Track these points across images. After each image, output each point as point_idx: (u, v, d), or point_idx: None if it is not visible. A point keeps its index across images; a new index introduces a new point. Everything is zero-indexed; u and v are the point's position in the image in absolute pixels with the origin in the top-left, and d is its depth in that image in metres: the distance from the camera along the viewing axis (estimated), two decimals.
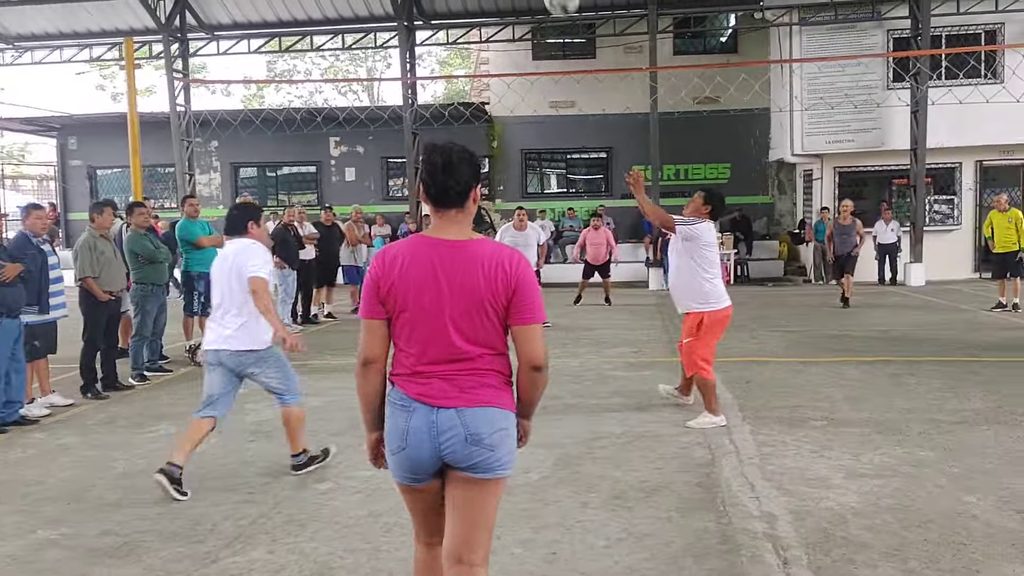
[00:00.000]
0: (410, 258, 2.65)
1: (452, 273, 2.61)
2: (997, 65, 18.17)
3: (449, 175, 2.65)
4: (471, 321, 2.61)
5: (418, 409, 2.63)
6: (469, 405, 2.61)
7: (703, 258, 6.18)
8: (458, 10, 20.93)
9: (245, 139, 20.88)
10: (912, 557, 3.79)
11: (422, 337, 2.63)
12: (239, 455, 5.78)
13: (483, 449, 2.61)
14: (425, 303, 2.62)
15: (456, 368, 2.63)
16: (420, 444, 2.63)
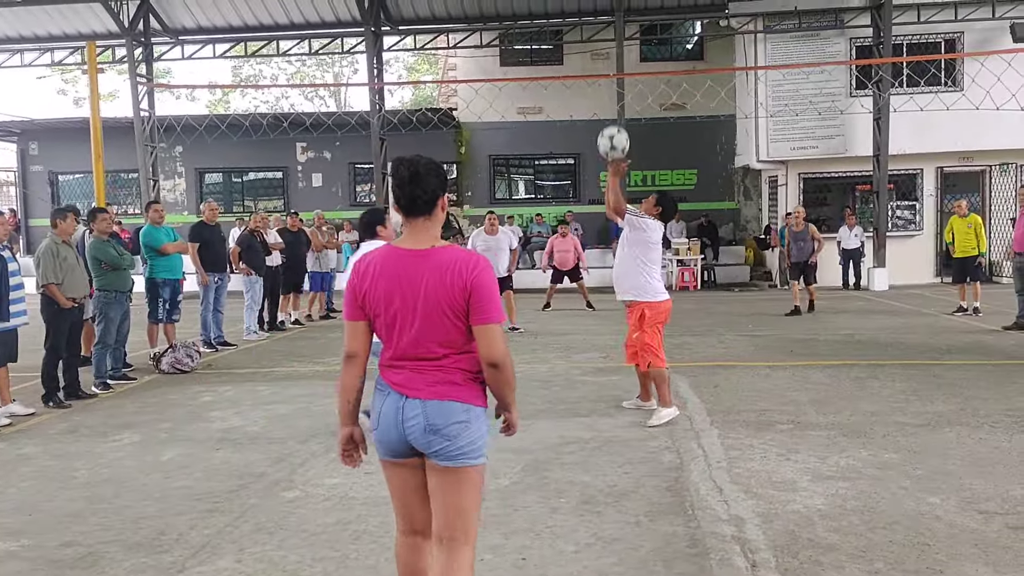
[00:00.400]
0: (380, 268, 2.89)
1: (417, 281, 2.83)
2: (957, 73, 18.52)
3: (416, 185, 2.87)
4: (434, 324, 2.83)
5: (391, 395, 2.89)
6: (431, 398, 2.84)
7: (646, 253, 6.49)
8: (425, 16, 20.91)
9: (210, 144, 20.65)
10: (878, 558, 3.84)
11: (395, 337, 2.88)
12: (205, 464, 5.71)
13: (440, 438, 2.83)
14: (394, 309, 2.85)
15: (424, 364, 2.86)
16: (388, 426, 2.88)
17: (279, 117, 21.50)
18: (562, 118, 21.33)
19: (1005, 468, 5.15)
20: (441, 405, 2.84)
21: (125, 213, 22.74)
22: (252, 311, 12.19)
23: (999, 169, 19.05)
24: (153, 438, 6.48)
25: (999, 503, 4.53)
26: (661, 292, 6.59)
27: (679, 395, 7.54)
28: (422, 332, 2.83)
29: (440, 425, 2.83)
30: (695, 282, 19.53)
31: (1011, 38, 17.60)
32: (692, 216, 22.16)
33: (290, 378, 8.96)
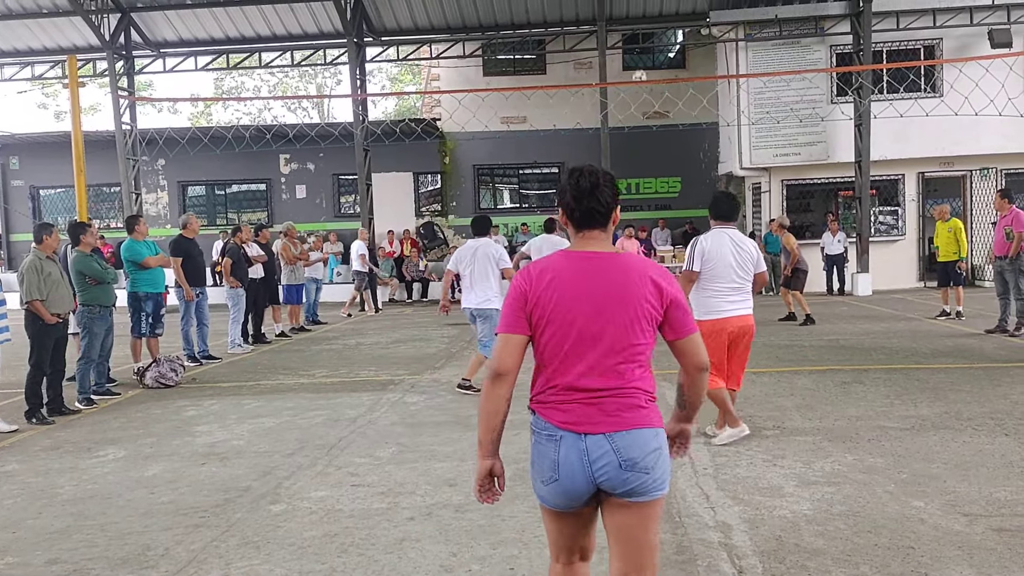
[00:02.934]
0: (561, 271, 2.62)
1: (606, 284, 2.58)
2: (936, 79, 18.71)
3: (595, 198, 2.66)
4: (625, 332, 2.57)
5: (565, 437, 2.56)
6: (618, 429, 2.54)
7: (704, 270, 5.98)
8: (408, 27, 20.96)
9: (193, 157, 20.61)
10: (863, 562, 3.86)
11: (570, 352, 2.58)
12: (191, 479, 5.67)
13: (639, 473, 2.53)
14: (577, 315, 2.57)
15: (600, 389, 2.56)
16: (573, 474, 2.55)
17: (262, 129, 21.48)
18: (545, 127, 21.42)
19: (988, 471, 5.18)
20: (634, 435, 2.54)
21: (107, 227, 22.65)
22: (237, 324, 12.14)
23: (980, 174, 19.23)
24: (138, 453, 6.44)
25: (983, 505, 4.56)
26: (714, 311, 5.95)
27: (665, 400, 7.54)
28: (612, 344, 2.55)
29: (637, 458, 2.53)
30: None
31: (989, 44, 17.83)
32: (677, 223, 22.27)
33: (276, 391, 8.92)
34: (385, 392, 8.57)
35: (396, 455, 6.07)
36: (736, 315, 5.95)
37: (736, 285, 5.94)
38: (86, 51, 21.10)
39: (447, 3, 20.03)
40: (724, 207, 6.22)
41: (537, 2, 19.95)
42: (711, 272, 5.93)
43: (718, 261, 5.89)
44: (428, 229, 23.19)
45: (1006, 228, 10.83)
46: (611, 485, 2.54)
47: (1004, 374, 8.39)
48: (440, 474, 5.52)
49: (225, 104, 42.31)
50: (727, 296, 5.93)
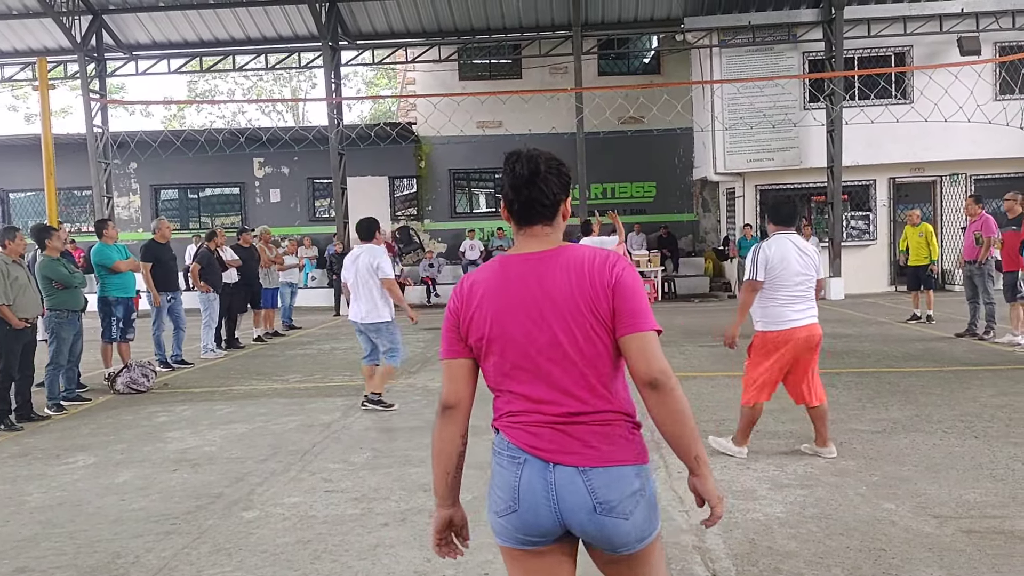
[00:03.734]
0: (492, 281, 2.25)
1: (545, 288, 2.18)
2: (907, 86, 18.94)
3: (536, 188, 2.23)
4: (580, 343, 2.15)
5: (529, 461, 2.17)
6: (594, 464, 2.13)
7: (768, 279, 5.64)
8: (383, 30, 20.92)
9: (165, 161, 20.46)
10: (835, 564, 3.88)
11: (519, 372, 2.20)
12: (162, 485, 5.61)
13: (616, 519, 2.11)
14: (516, 330, 2.19)
15: (568, 411, 2.16)
16: (536, 505, 2.15)
17: (235, 132, 21.32)
18: (521, 132, 21.43)
19: (958, 473, 5.24)
20: (610, 473, 2.13)
21: (78, 231, 22.40)
22: (209, 329, 12.03)
23: (950, 180, 19.48)
24: (108, 460, 6.36)
25: (953, 507, 4.61)
26: (778, 321, 5.62)
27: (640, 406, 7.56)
28: (570, 358, 2.15)
29: (614, 501, 2.11)
30: (655, 293, 19.67)
31: (958, 51, 18.08)
32: (652, 228, 22.37)
33: (249, 396, 8.85)
34: (360, 397, 8.52)
35: (370, 460, 6.04)
36: (804, 324, 5.61)
37: (802, 293, 5.63)
38: (57, 53, 20.86)
39: (422, 7, 20.02)
40: (785, 212, 5.85)
41: (513, 7, 19.99)
42: (776, 280, 5.59)
43: (783, 269, 5.57)
44: (404, 233, 23.13)
45: (976, 233, 10.97)
46: (583, 531, 2.14)
47: (974, 377, 8.49)
48: (415, 479, 5.50)
49: (199, 107, 42.02)
50: (793, 305, 5.60)
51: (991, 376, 8.54)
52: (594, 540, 2.16)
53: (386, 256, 7.72)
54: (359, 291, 7.58)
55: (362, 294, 7.55)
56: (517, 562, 2.25)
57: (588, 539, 2.18)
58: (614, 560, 2.20)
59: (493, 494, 2.24)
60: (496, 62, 23.34)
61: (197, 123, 39.84)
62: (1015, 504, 4.62)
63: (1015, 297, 10.46)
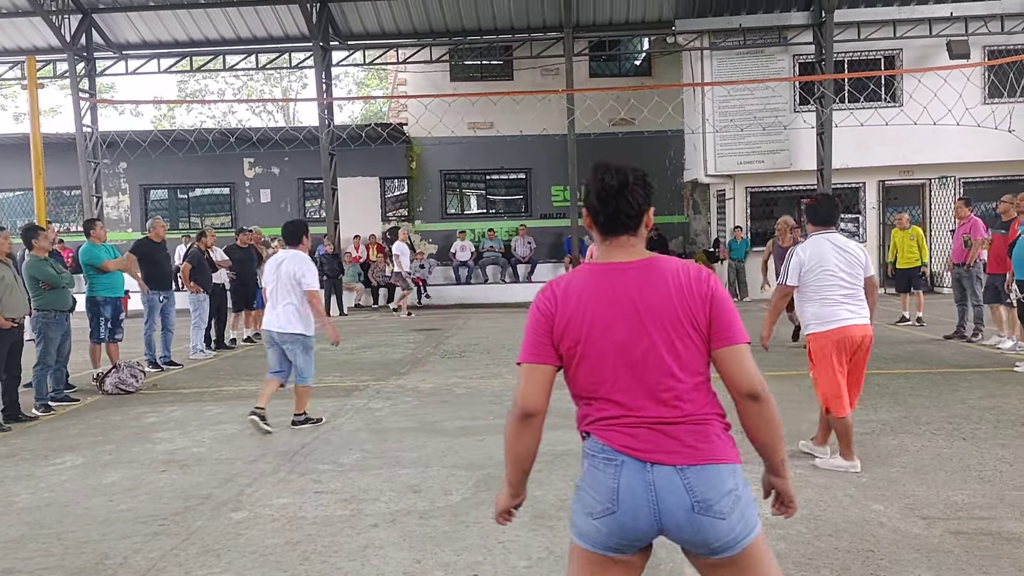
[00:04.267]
0: (589, 287, 2.29)
1: (643, 296, 2.25)
2: (896, 89, 19.04)
3: (623, 199, 2.30)
4: (679, 351, 2.23)
5: (626, 463, 2.19)
6: (691, 463, 2.17)
7: (808, 281, 5.50)
8: (375, 31, 20.89)
9: (155, 160, 20.37)
10: (824, 565, 3.89)
11: (616, 378, 2.25)
12: (150, 486, 5.59)
13: (713, 519, 2.14)
14: (614, 336, 2.24)
15: (666, 413, 2.22)
16: (636, 507, 2.16)
17: (225, 132, 21.26)
18: (512, 133, 21.46)
19: (946, 474, 5.26)
20: (709, 471, 2.17)
21: (67, 231, 22.30)
22: (199, 330, 11.99)
23: (938, 182, 19.58)
24: (96, 460, 6.33)
25: (941, 509, 4.63)
26: (827, 321, 5.40)
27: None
28: (665, 366, 2.22)
29: (712, 500, 2.14)
30: None
31: (947, 55, 18.18)
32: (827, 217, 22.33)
33: (238, 397, 8.82)
34: (350, 398, 8.51)
35: (360, 461, 6.02)
36: (857, 323, 5.37)
37: (849, 291, 5.39)
38: (46, 52, 20.75)
39: (414, 8, 20.00)
40: (823, 211, 5.67)
41: (504, 8, 19.99)
42: (816, 282, 5.41)
43: (821, 271, 5.39)
44: (395, 235, 23.08)
45: (964, 236, 11.03)
46: (680, 533, 2.16)
47: (962, 379, 8.53)
48: (405, 480, 5.49)
49: (189, 107, 41.90)
50: (844, 304, 5.37)
51: (979, 378, 8.58)
52: (691, 542, 2.19)
53: (311, 265, 7.05)
54: (277, 299, 6.98)
55: (280, 302, 6.96)
56: (594, 567, 2.25)
57: (685, 541, 2.20)
58: (717, 564, 2.21)
59: (586, 496, 2.25)
60: (487, 63, 23.33)
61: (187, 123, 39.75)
62: (1003, 505, 4.64)
63: (997, 299, 10.50)
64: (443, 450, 6.26)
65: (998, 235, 10.29)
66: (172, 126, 36.34)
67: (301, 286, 6.89)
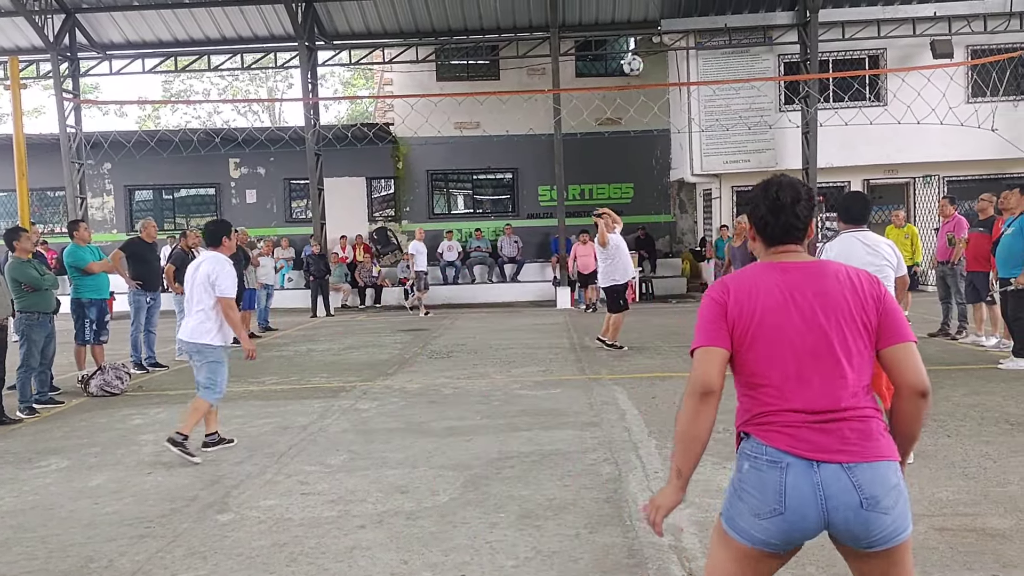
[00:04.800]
0: (763, 279, 2.41)
1: (817, 292, 2.36)
2: (880, 88, 19.15)
3: (794, 213, 2.45)
4: (847, 346, 2.32)
5: (792, 464, 2.24)
6: (859, 460, 2.23)
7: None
8: (360, 31, 20.84)
9: (140, 161, 20.28)
10: (809, 562, 3.91)
11: (783, 366, 2.32)
12: (136, 488, 5.56)
13: (879, 514, 2.20)
14: (787, 325, 2.33)
15: (831, 411, 2.28)
16: (804, 507, 2.22)
17: (210, 133, 21.16)
18: (499, 133, 21.46)
19: (931, 471, 5.30)
20: (875, 468, 2.22)
21: (51, 232, 22.16)
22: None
23: (922, 181, 19.71)
24: (81, 463, 6.29)
25: (926, 505, 4.65)
26: None
27: (618, 406, 7.60)
28: (834, 359, 2.30)
29: (880, 496, 2.20)
30: (633, 295, 19.72)
31: (931, 54, 18.30)
32: (629, 229, 22.39)
33: (225, 399, 8.73)
34: (336, 399, 8.49)
35: (347, 463, 6.01)
36: None
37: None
38: (29, 52, 20.61)
39: (400, 7, 19.96)
40: (856, 210, 5.62)
41: (490, 8, 19.98)
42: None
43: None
44: (381, 235, 23.06)
45: (948, 234, 11.09)
46: (848, 528, 2.23)
47: (946, 377, 8.59)
48: (392, 481, 5.49)
49: (173, 107, 41.70)
50: None
51: (963, 376, 8.64)
52: (855, 537, 2.25)
53: (229, 269, 6.46)
54: (191, 304, 6.44)
55: (193, 307, 6.41)
56: (749, 560, 2.34)
57: (849, 537, 2.26)
58: (870, 556, 2.29)
59: (748, 498, 2.30)
60: (474, 63, 23.33)
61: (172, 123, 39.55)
62: (987, 502, 4.68)
63: (979, 298, 10.56)
64: (430, 451, 6.26)
65: (976, 233, 10.34)
66: (157, 127, 36.14)
67: (215, 290, 6.32)
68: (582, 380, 9.15)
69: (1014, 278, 8.84)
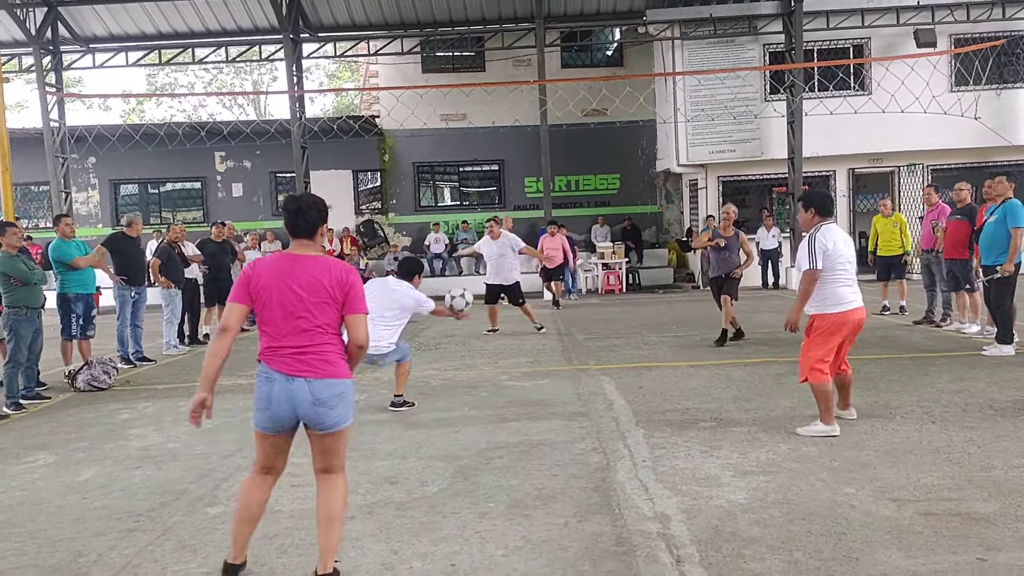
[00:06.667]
0: (273, 266, 3.64)
1: (296, 278, 3.58)
2: (864, 78, 19.22)
3: (300, 218, 3.65)
4: (314, 310, 3.56)
5: (277, 379, 3.55)
6: (316, 376, 3.54)
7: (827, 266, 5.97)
8: (345, 23, 20.77)
9: (125, 155, 20.17)
10: (797, 548, 3.95)
11: (278, 323, 3.58)
12: (125, 483, 5.55)
13: (326, 409, 3.56)
14: (277, 298, 3.57)
15: (303, 348, 3.55)
16: (279, 406, 3.56)
17: (196, 126, 21.08)
18: (485, 124, 21.45)
19: (916, 457, 5.35)
20: (325, 382, 3.56)
21: (36, 227, 22.01)
22: (172, 325, 11.91)
23: (907, 169, 19.81)
24: (69, 458, 6.28)
25: (911, 491, 4.71)
26: (839, 303, 5.94)
27: (605, 396, 7.64)
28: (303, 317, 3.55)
29: (325, 398, 3.55)
30: (620, 285, 19.79)
31: (915, 43, 18.38)
32: (616, 220, 22.48)
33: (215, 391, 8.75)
34: None
35: None
36: (859, 306, 6.05)
37: (852, 276, 6.06)
38: (11, 46, 20.47)
39: None
40: (829, 204, 6.31)
41: None
42: (835, 266, 5.94)
43: (837, 256, 5.94)
44: (368, 227, 23.02)
45: (933, 222, 11.14)
46: (307, 417, 3.59)
47: (931, 364, 8.66)
48: (381, 472, 5.50)
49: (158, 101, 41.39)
50: (853, 287, 6.04)
51: (948, 362, 8.71)
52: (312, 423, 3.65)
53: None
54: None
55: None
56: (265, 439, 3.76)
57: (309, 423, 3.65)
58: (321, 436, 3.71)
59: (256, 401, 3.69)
60: (459, 55, 23.29)
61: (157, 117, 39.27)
62: (971, 487, 4.73)
63: (958, 286, 10.61)
64: (419, 442, 6.27)
65: (953, 222, 10.37)
66: (142, 120, 35.90)
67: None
68: (570, 371, 9.18)
69: (999, 265, 8.91)
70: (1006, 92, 19.10)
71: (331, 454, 3.70)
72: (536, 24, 19.53)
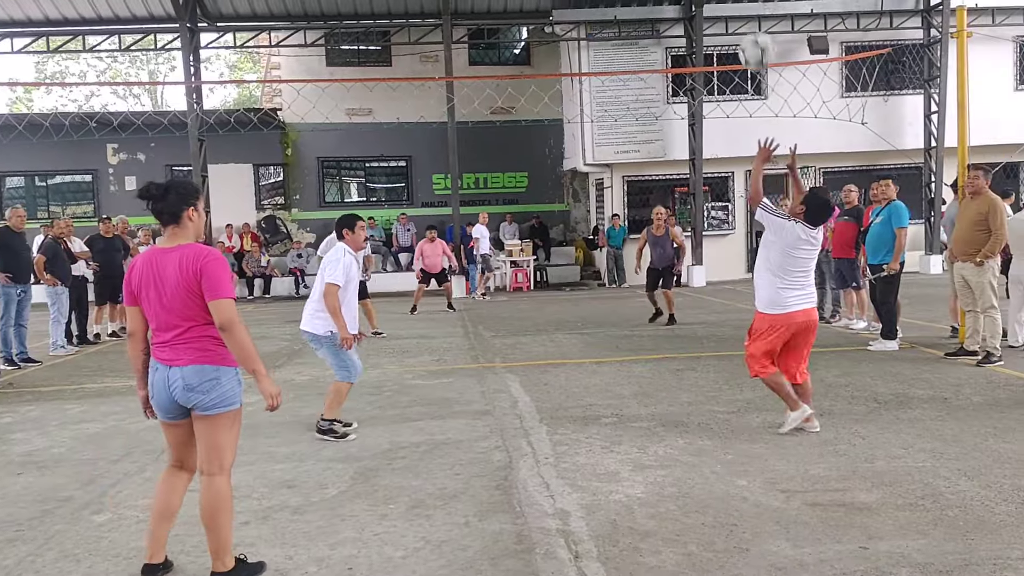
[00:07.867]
0: (142, 264, 3.68)
1: (163, 272, 3.59)
2: (760, 83, 19.80)
3: (161, 202, 3.65)
4: (178, 303, 3.58)
5: (159, 368, 3.66)
6: (185, 364, 3.59)
7: (775, 257, 5.96)
8: (245, 12, 20.24)
9: (9, 146, 19.19)
10: (691, 541, 4.04)
11: (154, 318, 3.65)
12: (5, 490, 5.27)
13: (197, 394, 3.59)
14: (151, 294, 3.62)
15: (175, 338, 3.61)
16: (160, 393, 3.66)
17: (84, 117, 20.21)
18: (390, 120, 21.26)
19: (805, 449, 5.54)
20: (194, 368, 3.58)
21: None
22: (59, 324, 11.39)
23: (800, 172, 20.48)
24: None
25: (799, 482, 4.87)
26: (780, 305, 5.89)
27: (510, 394, 7.66)
28: (171, 310, 3.58)
29: (195, 383, 3.59)
30: (528, 283, 19.90)
31: (808, 50, 19.04)
32: (524, 218, 22.60)
33: (102, 395, 8.43)
34: None
35: None
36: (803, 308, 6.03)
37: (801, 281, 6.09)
38: None
39: None
40: (827, 212, 6.42)
41: None
42: (790, 262, 6.00)
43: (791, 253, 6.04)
44: (270, 223, 22.53)
45: None
46: (184, 402, 3.62)
47: (819, 358, 8.95)
48: (278, 476, 5.38)
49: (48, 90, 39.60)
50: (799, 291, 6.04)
51: (835, 357, 9.06)
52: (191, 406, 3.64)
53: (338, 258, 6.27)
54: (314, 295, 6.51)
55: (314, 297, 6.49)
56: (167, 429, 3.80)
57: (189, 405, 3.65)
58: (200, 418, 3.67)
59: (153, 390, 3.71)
60: (365, 48, 23.00)
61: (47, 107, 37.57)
62: (856, 477, 4.92)
63: (845, 284, 11.11)
64: (319, 444, 6.17)
65: (841, 222, 10.81)
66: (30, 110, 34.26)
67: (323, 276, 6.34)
68: (476, 369, 9.18)
69: (885, 264, 9.32)
70: (893, 98, 19.98)
71: (212, 448, 3.68)
72: (443, 20, 19.43)
